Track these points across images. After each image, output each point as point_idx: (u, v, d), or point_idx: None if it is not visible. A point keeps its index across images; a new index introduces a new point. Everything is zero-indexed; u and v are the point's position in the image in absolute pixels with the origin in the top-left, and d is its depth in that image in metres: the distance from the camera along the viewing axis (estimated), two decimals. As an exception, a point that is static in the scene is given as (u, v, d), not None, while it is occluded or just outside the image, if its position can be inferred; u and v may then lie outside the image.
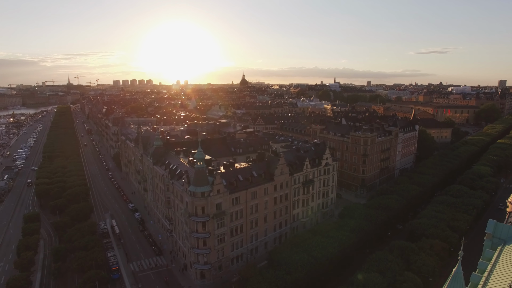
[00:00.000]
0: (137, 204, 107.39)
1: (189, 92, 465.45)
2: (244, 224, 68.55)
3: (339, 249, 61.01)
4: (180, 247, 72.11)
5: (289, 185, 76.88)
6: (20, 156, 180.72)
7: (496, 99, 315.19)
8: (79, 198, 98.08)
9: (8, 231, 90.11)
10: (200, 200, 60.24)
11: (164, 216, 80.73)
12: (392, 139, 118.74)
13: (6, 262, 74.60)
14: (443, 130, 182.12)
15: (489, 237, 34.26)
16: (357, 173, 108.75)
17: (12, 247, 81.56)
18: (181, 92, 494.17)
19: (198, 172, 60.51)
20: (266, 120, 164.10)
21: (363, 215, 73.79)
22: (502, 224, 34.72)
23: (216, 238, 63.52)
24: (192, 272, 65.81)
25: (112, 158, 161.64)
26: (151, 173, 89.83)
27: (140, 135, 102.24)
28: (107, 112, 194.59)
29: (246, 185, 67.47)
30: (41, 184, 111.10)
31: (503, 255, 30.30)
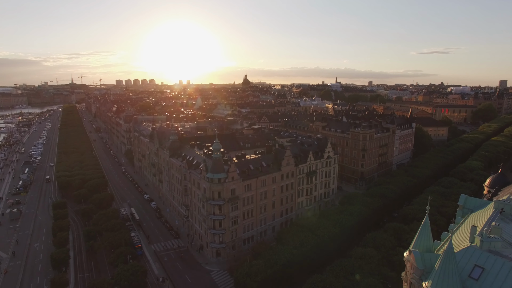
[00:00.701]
0: (152, 195, 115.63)
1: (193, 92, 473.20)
2: (255, 209, 76.67)
3: (340, 230, 69.08)
4: (196, 230, 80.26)
5: (294, 175, 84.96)
6: (35, 152, 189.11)
7: (494, 99, 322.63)
8: (99, 188, 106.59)
9: (37, 218, 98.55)
10: (217, 185, 68.42)
11: (181, 203, 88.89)
12: (390, 135, 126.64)
13: (40, 242, 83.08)
14: (440, 128, 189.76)
15: (460, 208, 42.16)
16: (356, 166, 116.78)
17: (43, 231, 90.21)
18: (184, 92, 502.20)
19: (215, 161, 68.72)
20: (271, 118, 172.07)
21: (361, 202, 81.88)
22: (470, 198, 42.74)
23: (230, 220, 71.69)
24: (209, 251, 73.97)
25: (124, 154, 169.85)
26: (167, 165, 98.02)
27: (156, 131, 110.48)
28: (118, 111, 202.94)
29: (256, 174, 75.63)
30: (62, 176, 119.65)
31: (468, 219, 38.23)
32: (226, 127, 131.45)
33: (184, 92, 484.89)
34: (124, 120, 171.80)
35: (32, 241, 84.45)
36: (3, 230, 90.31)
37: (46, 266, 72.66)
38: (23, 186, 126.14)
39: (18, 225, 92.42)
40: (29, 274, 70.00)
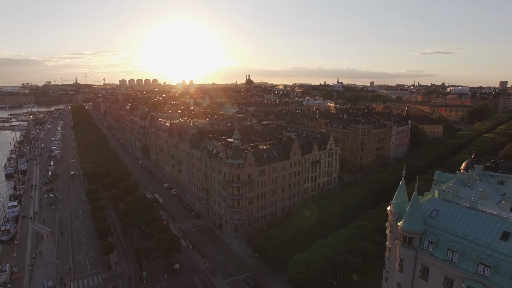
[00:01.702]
0: (171, 183, 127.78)
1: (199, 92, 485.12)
2: (267, 191, 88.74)
3: (341, 208, 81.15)
4: (216, 211, 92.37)
5: (301, 163, 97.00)
6: (55, 147, 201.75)
7: (490, 99, 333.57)
8: (124, 177, 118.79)
9: (71, 202, 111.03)
10: (236, 170, 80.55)
11: (201, 188, 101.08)
12: (387, 131, 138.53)
13: (79, 222, 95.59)
14: (435, 126, 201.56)
15: (435, 181, 53.89)
16: (356, 159, 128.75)
17: (80, 212, 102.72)
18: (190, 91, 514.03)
19: (235, 149, 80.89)
20: (276, 116, 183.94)
21: (360, 187, 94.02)
22: (443, 173, 54.60)
23: (247, 200, 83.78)
24: (228, 227, 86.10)
25: (140, 148, 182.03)
26: (187, 156, 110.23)
27: (175, 126, 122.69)
28: (132, 109, 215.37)
29: (269, 161, 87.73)
30: (88, 167, 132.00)
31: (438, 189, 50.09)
32: (236, 123, 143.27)
33: (189, 92, 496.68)
34: (140, 117, 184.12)
35: (72, 220, 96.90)
36: (45, 211, 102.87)
37: (89, 238, 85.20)
38: (52, 176, 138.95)
39: (60, 207, 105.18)
40: (76, 244, 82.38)
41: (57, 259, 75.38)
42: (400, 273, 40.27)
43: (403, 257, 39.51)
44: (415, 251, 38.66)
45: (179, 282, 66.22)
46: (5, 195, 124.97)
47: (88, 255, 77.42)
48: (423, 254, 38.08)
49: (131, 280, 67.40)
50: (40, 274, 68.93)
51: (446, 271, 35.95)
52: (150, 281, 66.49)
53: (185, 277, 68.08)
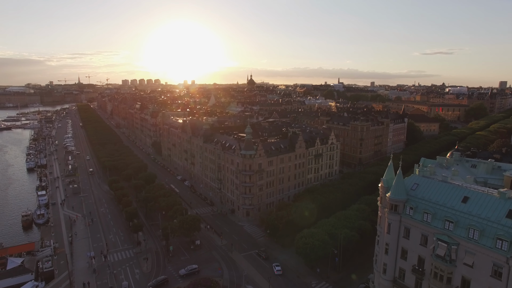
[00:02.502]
0: (184, 176, 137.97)
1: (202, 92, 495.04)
2: (275, 180, 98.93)
3: (341, 194, 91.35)
4: (229, 198, 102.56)
5: (305, 156, 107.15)
6: (69, 144, 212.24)
7: (486, 99, 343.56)
8: (141, 170, 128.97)
9: (93, 192, 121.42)
10: (248, 160, 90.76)
11: (213, 179, 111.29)
12: (384, 128, 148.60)
13: (104, 208, 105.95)
14: (431, 124, 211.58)
15: (420, 166, 63.96)
16: (355, 153, 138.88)
17: (103, 200, 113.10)
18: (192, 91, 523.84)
19: (247, 141, 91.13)
20: (280, 114, 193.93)
21: (358, 176, 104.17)
22: (426, 159, 64.65)
23: (257, 187, 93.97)
24: (240, 212, 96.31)
25: (151, 145, 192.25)
26: (200, 150, 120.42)
27: (188, 123, 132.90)
28: (142, 107, 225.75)
29: (276, 153, 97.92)
30: (107, 161, 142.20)
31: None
32: (244, 120, 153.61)
33: (194, 92, 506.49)
34: (151, 115, 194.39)
35: (98, 206, 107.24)
36: (71, 200, 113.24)
37: (116, 221, 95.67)
38: (72, 169, 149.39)
39: (86, 195, 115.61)
40: (105, 226, 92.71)
41: (91, 238, 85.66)
42: (388, 234, 50.37)
43: (390, 221, 49.63)
44: (399, 216, 48.76)
45: (200, 256, 76.41)
46: (32, 186, 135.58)
47: (117, 235, 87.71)
48: (405, 218, 48.19)
49: (158, 254, 77.58)
50: (79, 249, 79.29)
51: (422, 229, 46.04)
52: (176, 254, 76.71)
53: (205, 251, 78.31)
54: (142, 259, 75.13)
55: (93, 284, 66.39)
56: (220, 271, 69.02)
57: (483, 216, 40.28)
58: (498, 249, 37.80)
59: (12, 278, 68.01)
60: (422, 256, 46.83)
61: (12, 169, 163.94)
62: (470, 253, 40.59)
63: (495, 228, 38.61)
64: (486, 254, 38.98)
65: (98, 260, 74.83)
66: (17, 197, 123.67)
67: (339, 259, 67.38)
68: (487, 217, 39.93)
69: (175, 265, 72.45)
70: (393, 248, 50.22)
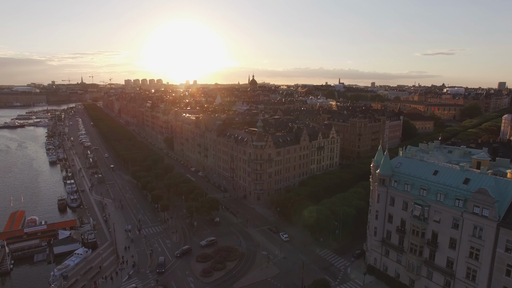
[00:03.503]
0: (197, 167, 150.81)
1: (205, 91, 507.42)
2: (282, 169, 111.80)
3: (340, 180, 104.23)
4: (241, 185, 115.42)
5: (308, 148, 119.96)
6: (85, 140, 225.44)
7: (481, 99, 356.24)
8: (158, 162, 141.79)
9: (117, 181, 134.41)
10: (259, 150, 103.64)
11: (226, 169, 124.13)
12: (381, 124, 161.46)
13: (130, 194, 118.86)
14: (426, 122, 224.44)
15: (404, 150, 76.65)
16: (354, 147, 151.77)
17: (127, 188, 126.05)
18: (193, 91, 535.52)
19: (259, 134, 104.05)
20: (284, 113, 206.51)
21: (356, 166, 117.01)
22: (412, 146, 77.41)
23: (267, 174, 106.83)
24: (251, 196, 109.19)
25: (163, 141, 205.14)
26: (214, 143, 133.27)
27: (202, 119, 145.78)
28: (153, 105, 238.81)
29: (284, 144, 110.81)
30: (126, 154, 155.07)
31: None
32: (252, 117, 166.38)
33: (196, 92, 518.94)
34: (163, 113, 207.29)
35: (123, 193, 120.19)
36: (98, 187, 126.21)
37: (142, 204, 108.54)
38: (93, 162, 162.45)
39: (111, 182, 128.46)
40: (133, 208, 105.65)
41: (123, 217, 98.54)
42: (378, 203, 63.18)
43: (379, 192, 62.44)
44: (386, 188, 61.56)
45: (220, 231, 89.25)
46: (56, 177, 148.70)
47: (145, 215, 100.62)
48: (391, 189, 60.99)
49: (184, 230, 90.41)
50: (115, 225, 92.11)
51: (404, 197, 58.82)
52: (198, 229, 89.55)
53: (224, 227, 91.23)
54: (170, 232, 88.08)
55: (133, 249, 79.36)
56: (239, 240, 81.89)
57: (447, 184, 53.12)
58: (456, 206, 50.62)
59: (65, 246, 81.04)
60: (403, 218, 59.71)
61: (36, 162, 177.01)
62: (438, 212, 53.41)
63: (454, 192, 51.44)
64: (448, 211, 51.79)
65: (133, 233, 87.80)
66: (47, 186, 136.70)
67: (339, 231, 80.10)
68: (450, 184, 52.77)
69: (199, 237, 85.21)
70: (382, 214, 63.09)
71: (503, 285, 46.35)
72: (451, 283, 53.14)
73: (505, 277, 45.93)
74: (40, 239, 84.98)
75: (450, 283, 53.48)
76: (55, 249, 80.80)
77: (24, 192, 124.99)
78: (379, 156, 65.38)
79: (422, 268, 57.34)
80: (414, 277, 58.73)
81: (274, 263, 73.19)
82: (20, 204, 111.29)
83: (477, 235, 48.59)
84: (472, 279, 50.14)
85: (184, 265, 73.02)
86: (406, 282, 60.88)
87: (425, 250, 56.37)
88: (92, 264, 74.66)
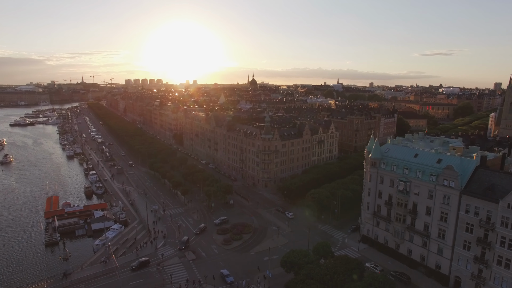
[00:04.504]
0: (207, 160, 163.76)
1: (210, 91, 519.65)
2: (287, 160, 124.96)
3: (339, 169, 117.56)
4: (249, 174, 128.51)
5: (310, 141, 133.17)
6: (97, 136, 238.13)
7: (474, 99, 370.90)
8: (172, 155, 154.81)
9: (134, 172, 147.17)
10: (267, 142, 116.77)
11: (236, 160, 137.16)
12: (376, 121, 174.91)
13: (149, 182, 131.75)
14: (420, 120, 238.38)
15: (392, 139, 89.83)
16: (351, 142, 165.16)
17: (145, 178, 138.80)
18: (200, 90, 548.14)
19: (267, 127, 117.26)
20: (286, 111, 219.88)
21: (353, 158, 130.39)
22: (399, 137, 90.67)
23: (274, 164, 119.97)
24: (259, 184, 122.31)
25: (172, 137, 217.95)
26: (223, 137, 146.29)
27: (212, 116, 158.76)
28: (161, 104, 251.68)
29: (288, 138, 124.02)
30: (141, 148, 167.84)
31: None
32: (258, 114, 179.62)
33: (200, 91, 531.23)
34: (172, 111, 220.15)
35: (143, 182, 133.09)
36: (118, 177, 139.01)
37: (162, 191, 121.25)
38: (110, 155, 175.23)
39: (132, 172, 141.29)
40: (154, 194, 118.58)
41: (147, 200, 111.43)
42: (370, 182, 76.39)
43: (371, 173, 75.64)
44: (377, 169, 74.78)
45: (234, 211, 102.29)
46: (77, 169, 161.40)
47: (167, 199, 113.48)
48: (381, 170, 74.20)
49: (202, 211, 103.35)
50: (141, 207, 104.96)
51: (391, 176, 72.03)
52: (215, 210, 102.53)
53: (238, 208, 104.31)
54: (191, 212, 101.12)
55: (161, 225, 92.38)
56: (252, 218, 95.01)
57: (424, 164, 66.38)
58: (431, 181, 63.89)
59: (101, 223, 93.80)
60: (390, 194, 72.98)
61: (54, 157, 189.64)
62: (417, 186, 66.69)
63: (430, 169, 64.68)
64: (425, 185, 65.06)
65: (159, 213, 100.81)
66: (70, 176, 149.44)
67: (338, 210, 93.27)
68: (427, 164, 66.04)
69: (216, 217, 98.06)
70: (373, 191, 76.37)
71: (463, 239, 59.65)
72: (427, 243, 66.44)
73: (465, 233, 59.23)
74: (79, 218, 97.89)
75: (426, 243, 66.79)
76: (93, 225, 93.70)
77: (51, 182, 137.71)
78: (371, 143, 78.63)
79: (405, 233, 70.62)
80: (399, 241, 72.02)
81: (283, 235, 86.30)
82: (54, 190, 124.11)
83: (446, 202, 61.87)
84: (442, 237, 63.44)
85: (207, 237, 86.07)
86: (393, 246, 74.16)
87: (407, 218, 69.65)
88: (127, 236, 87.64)
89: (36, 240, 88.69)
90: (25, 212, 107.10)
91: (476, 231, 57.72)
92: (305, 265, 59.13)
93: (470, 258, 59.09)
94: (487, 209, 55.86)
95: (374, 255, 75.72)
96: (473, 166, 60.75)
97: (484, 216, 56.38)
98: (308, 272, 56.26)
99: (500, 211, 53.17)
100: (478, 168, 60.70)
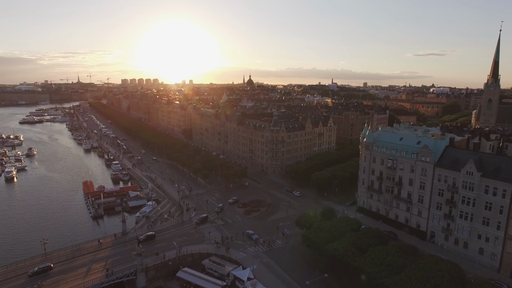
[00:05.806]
0: (217, 152, 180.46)
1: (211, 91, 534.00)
2: (292, 149, 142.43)
3: (337, 157, 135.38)
4: (258, 162, 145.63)
5: (311, 133, 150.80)
6: (109, 132, 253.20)
7: (462, 97, 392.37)
8: (186, 146, 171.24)
9: (152, 163, 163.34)
10: (275, 133, 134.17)
11: (245, 151, 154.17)
12: (369, 117, 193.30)
13: (169, 170, 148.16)
14: (409, 117, 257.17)
15: (382, 127, 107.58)
16: (347, 136, 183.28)
17: (164, 167, 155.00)
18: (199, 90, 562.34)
19: (275, 120, 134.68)
20: (286, 108, 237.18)
21: (350, 148, 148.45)
22: (389, 127, 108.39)
23: (280, 152, 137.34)
24: (268, 170, 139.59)
25: (181, 132, 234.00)
26: (233, 131, 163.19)
27: (222, 111, 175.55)
28: (168, 102, 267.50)
29: (293, 130, 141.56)
30: (156, 141, 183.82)
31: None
32: (263, 110, 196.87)
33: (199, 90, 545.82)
34: (180, 108, 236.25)
35: (163, 170, 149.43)
36: (139, 167, 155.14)
37: (183, 177, 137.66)
38: (127, 148, 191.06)
39: (154, 160, 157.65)
40: (177, 179, 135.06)
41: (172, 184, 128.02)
42: (364, 162, 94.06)
43: (365, 154, 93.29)
44: (370, 151, 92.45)
45: (249, 192, 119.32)
46: (97, 160, 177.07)
47: (188, 183, 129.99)
48: (373, 151, 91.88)
49: (222, 191, 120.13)
50: (168, 189, 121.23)
51: (381, 156, 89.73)
52: (233, 191, 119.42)
53: (252, 189, 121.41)
54: (213, 192, 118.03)
55: (189, 202, 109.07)
56: (266, 195, 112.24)
57: (407, 145, 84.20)
58: (412, 158, 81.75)
59: (136, 201, 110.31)
60: (381, 170, 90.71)
61: (73, 150, 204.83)
62: (402, 163, 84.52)
63: (411, 149, 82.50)
64: (408, 162, 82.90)
65: (185, 192, 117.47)
66: (92, 166, 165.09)
67: (338, 189, 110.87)
68: (409, 145, 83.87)
69: (233, 196, 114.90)
70: (367, 169, 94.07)
71: (436, 202, 77.59)
72: (410, 207, 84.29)
73: (438, 197, 77.22)
74: (116, 197, 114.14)
75: (409, 208, 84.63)
76: (130, 203, 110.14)
77: (81, 170, 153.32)
78: (365, 130, 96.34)
79: (393, 201, 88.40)
80: (388, 209, 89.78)
81: (293, 208, 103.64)
82: (88, 175, 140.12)
83: (423, 174, 79.74)
84: (421, 202, 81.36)
85: (231, 210, 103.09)
86: (383, 213, 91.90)
87: (395, 189, 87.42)
88: (162, 210, 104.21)
89: (84, 215, 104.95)
90: (66, 194, 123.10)
91: (446, 194, 75.63)
92: (315, 222, 76.49)
93: (441, 215, 77.03)
94: (453, 177, 73.76)
95: (368, 221, 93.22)
96: (443, 145, 78.73)
97: (451, 182, 74.29)
98: (318, 226, 73.62)
99: (461, 177, 71.08)
100: (448, 147, 78.69)
